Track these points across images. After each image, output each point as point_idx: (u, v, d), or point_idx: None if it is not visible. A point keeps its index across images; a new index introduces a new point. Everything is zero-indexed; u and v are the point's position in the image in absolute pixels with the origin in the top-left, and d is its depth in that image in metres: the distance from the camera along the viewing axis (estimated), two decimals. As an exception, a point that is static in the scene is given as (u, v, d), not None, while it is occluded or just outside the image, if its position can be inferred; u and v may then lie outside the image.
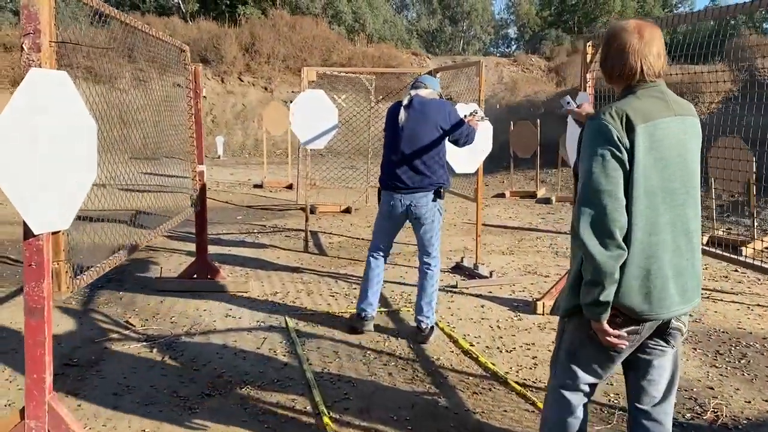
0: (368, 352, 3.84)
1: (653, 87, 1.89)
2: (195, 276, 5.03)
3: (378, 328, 4.22)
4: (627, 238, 1.80)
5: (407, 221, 4.11)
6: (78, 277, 2.69)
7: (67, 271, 2.51)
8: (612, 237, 1.76)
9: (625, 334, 1.86)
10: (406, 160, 3.98)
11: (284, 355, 3.76)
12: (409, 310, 4.61)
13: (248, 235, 7.42)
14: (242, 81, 19.58)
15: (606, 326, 1.85)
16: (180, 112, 4.83)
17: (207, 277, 5.02)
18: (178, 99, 4.84)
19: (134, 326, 4.21)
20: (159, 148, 4.55)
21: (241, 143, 18.23)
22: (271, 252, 6.53)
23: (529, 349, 3.96)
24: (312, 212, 8.98)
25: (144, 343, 3.91)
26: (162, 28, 18.26)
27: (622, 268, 1.80)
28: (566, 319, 2.03)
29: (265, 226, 8.02)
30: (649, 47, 1.87)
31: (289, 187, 11.49)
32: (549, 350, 3.90)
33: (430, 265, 4.09)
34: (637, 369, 2.03)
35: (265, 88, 19.58)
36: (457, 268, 5.81)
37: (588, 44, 4.31)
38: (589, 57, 4.29)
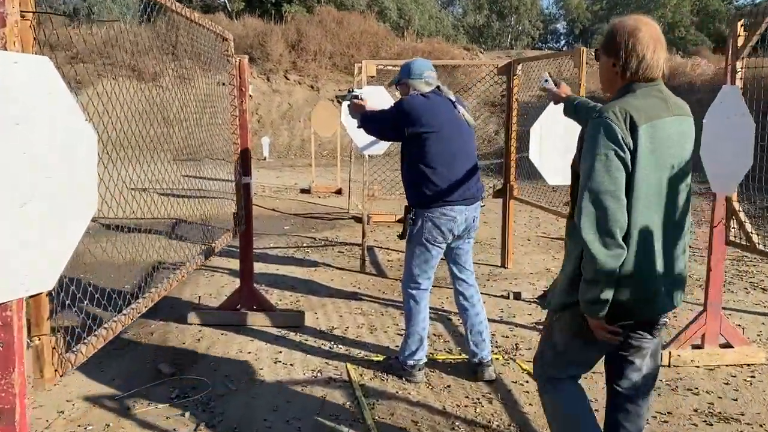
0: (457, 423, 2.96)
1: (653, 86, 1.89)
2: (239, 306, 4.27)
3: (463, 388, 3.35)
4: (624, 239, 1.82)
5: None
6: (76, 348, 1.92)
7: (55, 347, 1.74)
8: (613, 237, 1.78)
9: (620, 330, 1.90)
10: (473, 164, 3.40)
11: (350, 425, 2.93)
12: (498, 358, 3.73)
13: (297, 249, 6.65)
14: (288, 79, 18.96)
15: (603, 323, 1.88)
16: (223, 111, 4.08)
17: (253, 308, 4.25)
18: (223, 97, 4.09)
19: (164, 375, 3.45)
20: (201, 149, 3.84)
21: (287, 144, 17.60)
22: (323, 272, 5.73)
23: (666, 421, 3.02)
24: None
25: (175, 400, 3.15)
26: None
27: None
28: (557, 315, 2.09)
29: (315, 238, 7.24)
30: (664, 42, 1.89)
31: (338, 192, 10.72)
32: (691, 422, 2.96)
33: (475, 283, 3.56)
34: (619, 354, 2.09)
35: (312, 87, 18.92)
36: (545, 299, 4.87)
37: (739, 24, 3.32)
38: (741, 41, 3.30)
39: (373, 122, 3.49)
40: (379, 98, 5.43)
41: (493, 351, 3.75)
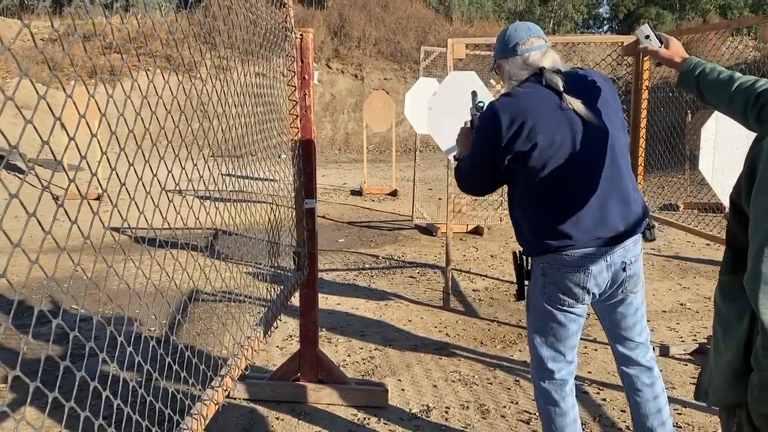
0: None
1: None
2: (299, 376, 3.14)
3: None
4: None
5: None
6: None
7: None
8: None
9: None
10: (611, 183, 2.11)
11: None
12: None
13: (359, 273, 5.49)
14: (330, 68, 17.82)
15: None
16: (265, 102, 2.94)
17: (317, 380, 3.11)
18: (267, 87, 2.94)
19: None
20: (244, 144, 2.77)
21: (330, 138, 16.49)
22: (396, 308, 4.57)
23: None
24: (431, 233, 6.99)
25: None
26: (246, 11, 16.81)
27: None
28: (725, 416, 1.33)
29: (377, 257, 6.06)
30: None
31: (393, 194, 9.55)
32: None
33: (653, 362, 2.31)
34: None
35: (356, 76, 17.74)
36: (701, 354, 3.62)
37: None
38: None
39: (463, 164, 2.29)
40: (469, 88, 4.23)
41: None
